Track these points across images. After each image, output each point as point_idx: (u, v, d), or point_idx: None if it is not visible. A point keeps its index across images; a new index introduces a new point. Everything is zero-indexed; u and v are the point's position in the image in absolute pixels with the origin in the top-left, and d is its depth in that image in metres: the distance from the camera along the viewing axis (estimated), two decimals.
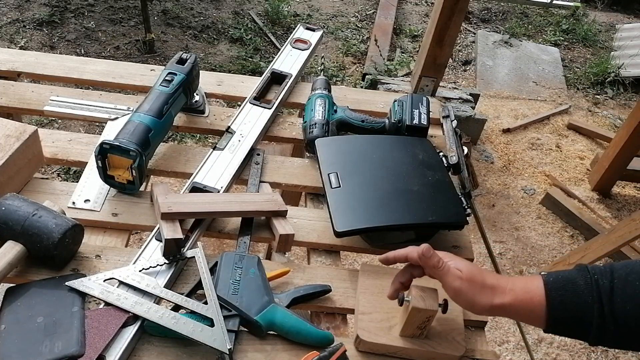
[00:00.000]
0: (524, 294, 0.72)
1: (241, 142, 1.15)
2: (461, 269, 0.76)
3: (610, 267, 0.69)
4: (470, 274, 0.75)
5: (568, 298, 0.69)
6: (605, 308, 0.66)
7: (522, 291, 0.73)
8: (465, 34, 3.91)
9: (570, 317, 0.69)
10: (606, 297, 0.66)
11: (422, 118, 1.20)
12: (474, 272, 0.76)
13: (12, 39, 3.06)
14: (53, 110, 1.18)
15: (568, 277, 0.71)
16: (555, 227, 2.57)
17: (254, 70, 3.10)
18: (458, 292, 0.76)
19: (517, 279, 0.75)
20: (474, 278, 0.75)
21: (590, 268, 0.71)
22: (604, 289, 0.67)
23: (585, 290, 0.68)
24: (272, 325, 0.83)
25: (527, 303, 0.72)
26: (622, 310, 0.66)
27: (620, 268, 0.69)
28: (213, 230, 1.00)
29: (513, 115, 3.21)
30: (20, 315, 0.79)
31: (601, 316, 0.66)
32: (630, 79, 3.57)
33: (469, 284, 0.75)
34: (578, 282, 0.69)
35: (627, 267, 0.68)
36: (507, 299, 0.73)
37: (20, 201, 0.86)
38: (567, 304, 0.69)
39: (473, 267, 0.77)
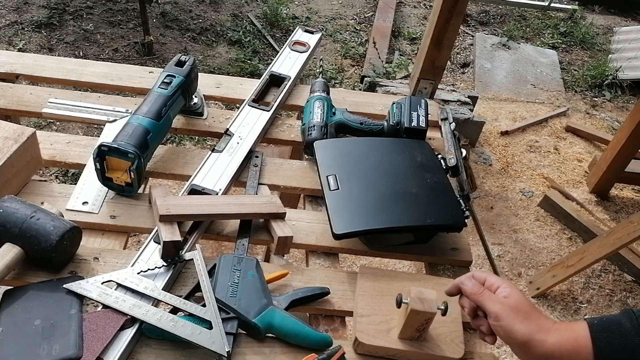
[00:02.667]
0: (569, 334, 0.71)
1: (240, 145, 1.15)
2: (508, 295, 0.74)
3: None
4: (516, 303, 0.73)
5: (615, 340, 0.69)
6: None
7: (568, 331, 0.71)
8: (463, 36, 3.92)
9: (619, 359, 0.69)
10: None
11: (421, 120, 1.20)
12: (521, 302, 0.73)
13: (11, 41, 3.06)
14: (51, 113, 1.18)
15: (613, 320, 0.70)
16: (554, 229, 2.57)
17: (252, 72, 3.10)
18: (497, 316, 0.73)
19: (561, 323, 0.74)
20: (519, 307, 0.73)
21: (635, 310, 0.70)
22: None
23: (632, 332, 0.68)
24: (270, 327, 0.83)
25: (572, 344, 0.70)
26: None
27: None
28: (211, 233, 1.00)
29: (511, 117, 3.22)
30: (17, 318, 0.79)
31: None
32: (628, 81, 3.58)
33: (511, 310, 0.73)
34: (624, 323, 0.69)
35: None
36: (551, 337, 0.71)
37: (18, 203, 0.86)
38: (615, 346, 0.69)
39: (522, 298, 0.74)
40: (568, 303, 2.27)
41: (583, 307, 2.27)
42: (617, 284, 2.38)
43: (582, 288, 2.35)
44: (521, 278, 2.35)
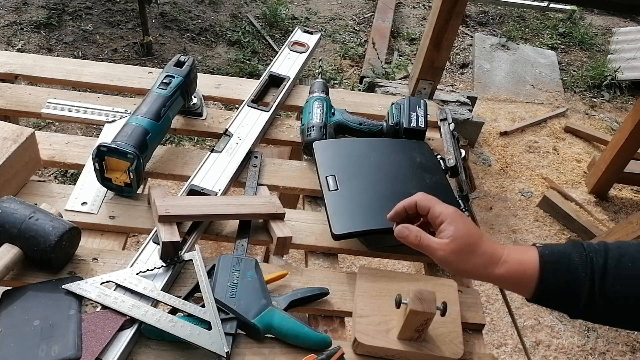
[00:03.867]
0: (518, 266, 0.73)
1: (239, 145, 1.15)
2: (451, 235, 0.74)
3: (605, 247, 0.71)
4: (459, 244, 0.74)
5: (561, 272, 0.71)
6: (597, 286, 0.68)
7: (517, 263, 0.73)
8: (462, 37, 3.92)
9: (560, 290, 0.71)
10: (599, 275, 0.68)
11: (420, 121, 1.20)
12: (465, 239, 0.74)
13: (10, 41, 3.06)
14: (50, 113, 1.18)
15: (563, 252, 0.72)
16: (553, 229, 2.57)
17: (251, 73, 3.10)
18: (442, 263, 0.76)
19: (512, 250, 0.75)
20: (462, 247, 0.74)
21: (585, 245, 0.72)
22: (598, 268, 0.69)
23: (579, 267, 0.70)
24: (269, 328, 0.83)
25: (519, 275, 0.73)
26: (612, 290, 0.68)
27: (614, 248, 0.70)
28: (210, 233, 1.00)
29: (510, 118, 3.22)
30: (16, 319, 0.79)
31: (591, 293, 0.68)
32: (627, 82, 3.58)
33: (454, 254, 0.74)
34: (573, 257, 0.71)
35: (620, 249, 0.70)
36: (500, 271, 0.73)
37: (17, 204, 0.86)
38: (560, 278, 0.71)
39: (466, 232, 0.75)
40: None
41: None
42: None
43: None
44: None
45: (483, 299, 2.18)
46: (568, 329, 2.17)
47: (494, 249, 0.74)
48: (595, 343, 2.13)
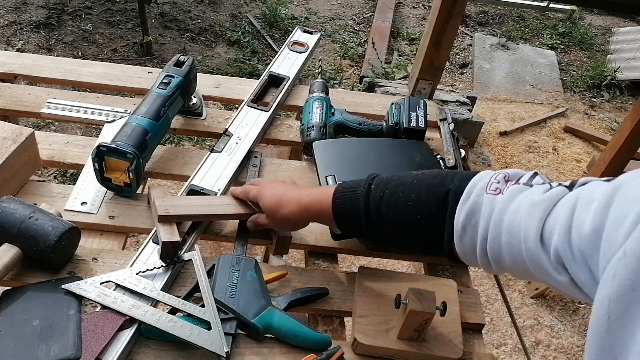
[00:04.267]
0: (317, 202, 0.84)
1: (239, 145, 1.15)
2: (263, 206, 0.90)
3: (389, 179, 0.79)
4: (270, 215, 0.90)
5: (346, 204, 0.80)
6: (372, 215, 0.77)
7: (316, 200, 0.85)
8: (462, 37, 3.92)
9: (347, 220, 0.81)
10: (374, 205, 0.77)
11: (420, 121, 1.20)
12: (272, 206, 0.89)
13: (9, 41, 3.06)
14: (50, 113, 1.18)
15: (353, 186, 0.81)
16: None
17: (251, 73, 3.10)
18: (275, 226, 0.93)
19: (317, 189, 0.91)
20: (273, 211, 0.89)
21: (374, 179, 0.80)
22: (374, 199, 0.77)
23: (360, 197, 0.78)
24: (269, 328, 0.83)
25: (317, 209, 0.84)
26: (385, 216, 0.76)
27: (395, 180, 0.78)
28: (210, 233, 1.00)
29: (510, 118, 3.22)
30: (15, 319, 0.79)
31: (368, 221, 0.78)
32: (627, 82, 3.59)
33: (272, 221, 0.91)
34: (358, 191, 0.79)
35: (400, 179, 0.77)
36: (302, 206, 0.86)
37: (16, 204, 0.86)
38: (345, 209, 0.81)
39: (269, 200, 0.89)
40: (567, 303, 2.27)
41: (582, 307, 2.27)
42: None
43: None
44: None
45: (483, 299, 2.18)
46: (568, 328, 2.17)
47: (297, 195, 0.87)
48: None
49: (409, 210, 0.74)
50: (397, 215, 0.75)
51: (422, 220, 0.73)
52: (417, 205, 0.73)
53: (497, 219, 0.64)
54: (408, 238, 0.78)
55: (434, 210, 0.72)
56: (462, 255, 0.71)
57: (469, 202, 0.67)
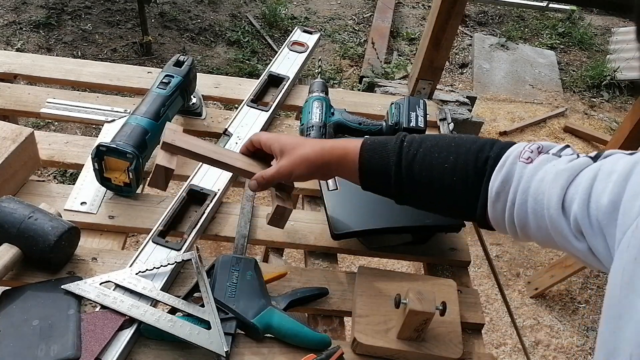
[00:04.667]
0: (342, 151, 0.81)
1: (238, 145, 1.15)
2: (282, 146, 0.84)
3: (422, 138, 0.78)
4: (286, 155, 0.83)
5: (375, 159, 0.79)
6: (403, 173, 0.76)
7: (341, 149, 0.81)
8: (462, 37, 3.92)
9: (375, 175, 0.80)
10: (406, 163, 0.76)
11: (419, 121, 1.20)
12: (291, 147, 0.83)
13: (9, 41, 3.05)
14: (49, 113, 1.18)
15: (383, 141, 0.80)
16: None
17: (251, 72, 3.10)
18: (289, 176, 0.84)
19: (342, 140, 0.84)
20: (291, 154, 0.83)
21: (407, 137, 0.79)
22: (407, 156, 0.76)
23: (391, 154, 0.77)
24: (269, 328, 0.83)
25: (342, 159, 0.81)
26: (419, 177, 0.76)
27: (430, 140, 0.78)
28: (210, 233, 1.00)
29: (510, 118, 3.22)
30: (15, 319, 0.79)
31: (397, 179, 0.77)
32: (626, 82, 3.59)
33: (286, 164, 0.83)
34: (388, 146, 0.78)
35: (435, 140, 0.77)
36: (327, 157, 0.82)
37: (16, 204, 0.86)
38: (373, 164, 0.79)
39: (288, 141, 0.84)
40: (566, 303, 2.28)
41: (581, 307, 2.27)
42: None
43: (581, 288, 2.35)
44: (519, 278, 2.36)
45: (482, 298, 2.18)
46: (567, 328, 2.17)
47: (320, 140, 0.85)
48: (594, 343, 2.13)
49: (445, 172, 0.74)
50: (432, 175, 0.75)
51: (458, 184, 0.74)
52: (455, 168, 0.73)
53: (524, 187, 0.66)
54: (439, 200, 0.78)
55: (472, 175, 0.73)
56: (494, 221, 0.73)
57: (503, 169, 0.69)
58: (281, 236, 1.02)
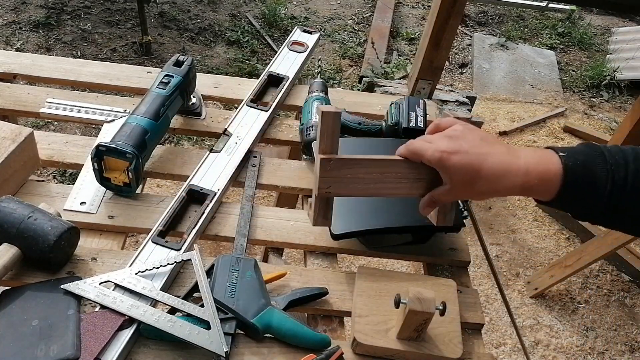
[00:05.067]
0: (539, 180, 0.69)
1: (238, 145, 1.15)
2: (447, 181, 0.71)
3: (624, 157, 0.69)
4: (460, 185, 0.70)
5: (584, 186, 0.69)
6: (614, 199, 0.67)
7: (537, 176, 0.69)
8: (461, 37, 3.92)
9: (580, 200, 0.70)
10: (617, 189, 0.67)
11: (419, 121, 1.20)
12: (462, 180, 0.70)
13: (8, 40, 3.05)
14: (49, 113, 1.18)
15: (586, 165, 0.69)
16: (552, 229, 2.57)
17: (251, 72, 3.10)
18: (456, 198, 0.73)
19: (531, 161, 0.70)
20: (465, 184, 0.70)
21: (607, 156, 0.70)
22: (618, 182, 0.67)
23: (601, 180, 0.68)
24: (268, 328, 0.83)
25: (540, 187, 0.70)
26: (629, 202, 0.67)
27: (633, 161, 0.69)
28: (209, 233, 1.00)
29: (509, 117, 3.22)
30: (15, 319, 0.79)
31: (608, 206, 0.68)
32: (626, 82, 3.59)
33: (462, 195, 0.72)
34: (596, 172, 0.68)
35: (637, 161, 0.68)
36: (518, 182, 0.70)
37: (15, 204, 0.85)
38: (580, 192, 0.69)
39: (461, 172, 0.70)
40: (566, 303, 2.28)
41: (581, 307, 2.27)
42: (614, 284, 2.39)
43: (580, 288, 2.36)
44: (519, 278, 2.36)
45: (482, 298, 2.18)
46: (567, 328, 2.17)
47: (507, 164, 0.70)
48: (594, 342, 2.13)
49: None
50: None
51: None
52: None
53: None
54: None
55: None
56: None
57: None
58: (281, 236, 1.02)
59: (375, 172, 0.73)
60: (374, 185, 0.75)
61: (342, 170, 0.72)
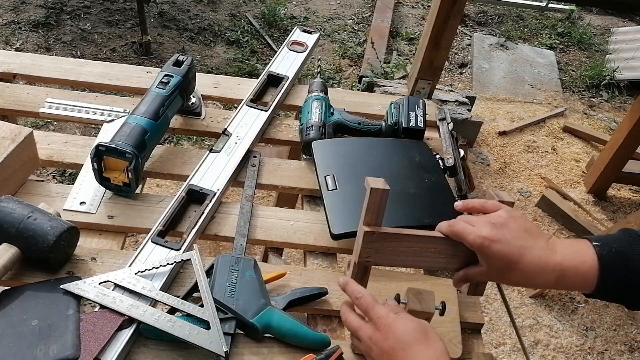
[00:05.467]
0: (574, 275, 0.70)
1: (238, 145, 1.14)
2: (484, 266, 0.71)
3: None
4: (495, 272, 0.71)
5: (621, 275, 0.69)
6: None
7: (573, 273, 0.70)
8: (461, 37, 3.92)
9: (619, 291, 0.70)
10: None
11: (419, 120, 1.20)
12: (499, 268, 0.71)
13: (8, 40, 3.05)
14: (49, 112, 1.18)
15: (622, 252, 0.70)
16: (552, 229, 2.57)
17: (250, 72, 3.10)
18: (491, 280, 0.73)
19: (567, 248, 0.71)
20: (500, 273, 0.71)
21: (631, 235, 0.70)
22: None
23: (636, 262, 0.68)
24: (268, 328, 0.83)
25: (576, 281, 0.70)
26: None
27: None
28: (209, 233, 1.00)
29: (509, 117, 3.22)
30: (14, 319, 0.79)
31: None
32: (625, 82, 3.59)
33: (499, 277, 0.72)
34: (633, 257, 0.69)
35: None
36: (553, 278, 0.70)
37: (15, 203, 0.85)
38: (618, 281, 0.70)
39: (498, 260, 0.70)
40: (565, 303, 2.28)
41: (581, 307, 2.27)
42: None
43: None
44: None
45: (482, 298, 2.18)
46: (567, 328, 2.17)
47: (544, 261, 0.70)
48: (593, 342, 2.13)
49: None
50: None
51: None
52: None
53: None
54: None
55: None
56: None
57: None
58: (280, 236, 1.02)
59: (415, 246, 0.75)
60: (413, 258, 0.76)
61: (384, 243, 0.74)
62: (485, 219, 0.73)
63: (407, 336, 0.67)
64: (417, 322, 0.70)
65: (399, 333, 0.68)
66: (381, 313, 0.70)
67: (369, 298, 0.72)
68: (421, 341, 0.67)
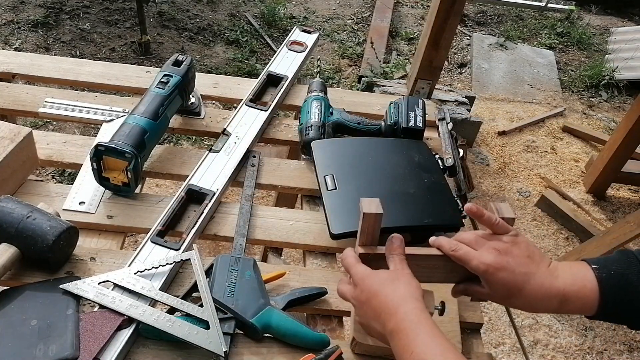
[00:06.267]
0: (576, 299, 0.71)
1: (237, 144, 1.14)
2: (488, 289, 0.72)
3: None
4: (499, 295, 0.72)
5: (621, 296, 0.70)
6: None
7: (575, 297, 0.71)
8: (460, 36, 3.92)
9: (620, 312, 0.71)
10: None
11: (418, 120, 1.20)
12: (503, 294, 0.72)
13: (7, 40, 3.05)
14: (48, 112, 1.18)
15: (622, 274, 0.70)
16: (551, 229, 2.58)
17: (250, 72, 3.10)
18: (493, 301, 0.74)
19: (567, 272, 0.72)
20: (504, 296, 0.72)
21: (634, 256, 0.71)
22: None
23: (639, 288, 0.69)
24: (268, 327, 0.83)
25: (578, 306, 0.71)
26: None
27: None
28: (209, 233, 1.00)
29: (508, 117, 3.22)
30: (13, 319, 0.79)
31: None
32: (625, 82, 3.59)
33: (502, 299, 0.73)
34: (631, 279, 0.70)
35: None
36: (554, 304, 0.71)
37: (14, 203, 0.85)
38: (619, 303, 0.70)
39: (502, 286, 0.71)
40: None
41: None
42: None
43: None
44: None
45: None
46: (566, 328, 2.18)
47: (547, 287, 0.71)
48: (592, 342, 2.14)
49: None
50: None
51: None
52: None
53: None
54: None
55: None
56: None
57: None
58: (280, 236, 1.02)
59: (413, 264, 0.75)
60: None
61: (379, 262, 0.75)
62: (489, 245, 0.73)
63: (376, 285, 0.70)
64: (392, 272, 0.71)
65: (369, 283, 0.70)
66: (358, 269, 0.72)
67: (350, 259, 0.75)
68: (388, 284, 0.69)
